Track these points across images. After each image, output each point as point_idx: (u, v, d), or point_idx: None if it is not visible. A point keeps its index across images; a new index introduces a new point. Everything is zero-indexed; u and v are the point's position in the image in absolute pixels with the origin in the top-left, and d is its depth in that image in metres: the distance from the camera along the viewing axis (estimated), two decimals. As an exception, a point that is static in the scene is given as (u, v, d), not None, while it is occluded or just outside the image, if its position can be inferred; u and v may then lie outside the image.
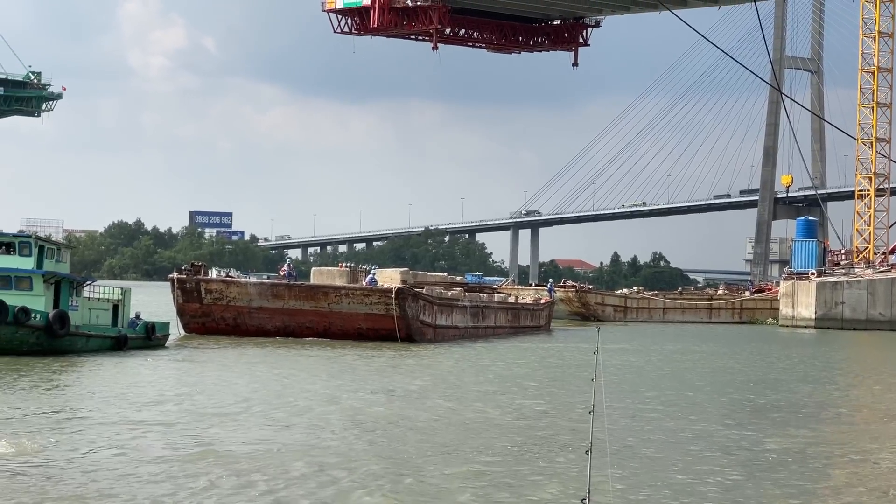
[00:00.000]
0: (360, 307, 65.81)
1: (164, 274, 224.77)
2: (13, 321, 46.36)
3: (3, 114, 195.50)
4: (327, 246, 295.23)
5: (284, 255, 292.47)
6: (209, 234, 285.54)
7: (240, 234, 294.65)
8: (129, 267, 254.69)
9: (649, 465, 24.92)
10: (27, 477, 21.65)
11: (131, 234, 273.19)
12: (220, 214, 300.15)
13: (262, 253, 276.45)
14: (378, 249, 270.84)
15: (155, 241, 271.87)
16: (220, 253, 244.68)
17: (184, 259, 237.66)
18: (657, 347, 70.73)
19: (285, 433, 28.08)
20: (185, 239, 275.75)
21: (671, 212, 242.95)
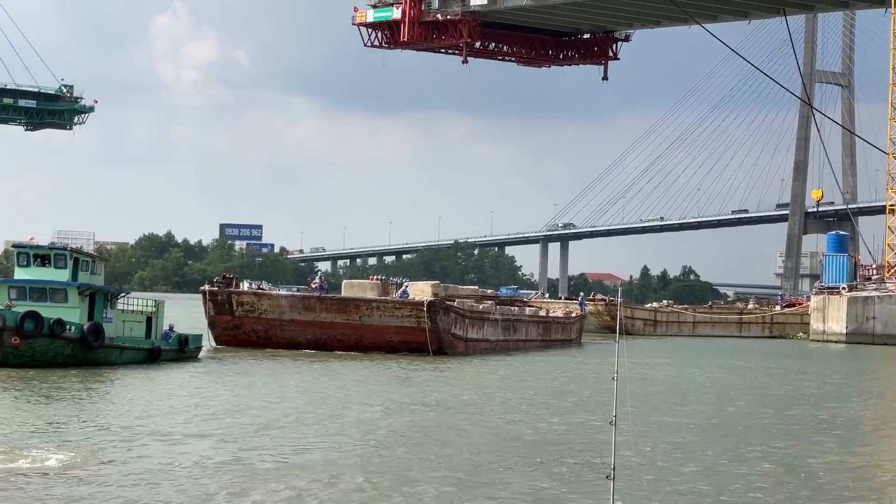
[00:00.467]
0: (391, 320, 65.77)
1: (195, 286, 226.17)
2: (48, 333, 46.75)
3: (36, 127, 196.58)
4: (357, 258, 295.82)
5: (314, 267, 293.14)
6: (239, 247, 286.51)
7: (270, 246, 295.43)
8: (159, 279, 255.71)
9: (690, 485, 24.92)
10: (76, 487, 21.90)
11: (162, 246, 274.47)
12: (251, 227, 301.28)
13: (291, 265, 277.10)
14: (407, 262, 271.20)
15: (185, 253, 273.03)
16: (250, 265, 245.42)
17: (214, 271, 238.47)
18: (696, 361, 70.32)
19: (331, 445, 28.35)
20: (216, 251, 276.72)
21: (701, 225, 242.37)
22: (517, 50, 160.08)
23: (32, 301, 48.11)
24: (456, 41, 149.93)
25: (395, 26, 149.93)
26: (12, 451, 25.64)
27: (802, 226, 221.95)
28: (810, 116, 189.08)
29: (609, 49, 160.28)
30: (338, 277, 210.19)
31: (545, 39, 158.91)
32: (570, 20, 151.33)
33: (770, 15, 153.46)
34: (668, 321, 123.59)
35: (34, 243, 50.63)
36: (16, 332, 46.02)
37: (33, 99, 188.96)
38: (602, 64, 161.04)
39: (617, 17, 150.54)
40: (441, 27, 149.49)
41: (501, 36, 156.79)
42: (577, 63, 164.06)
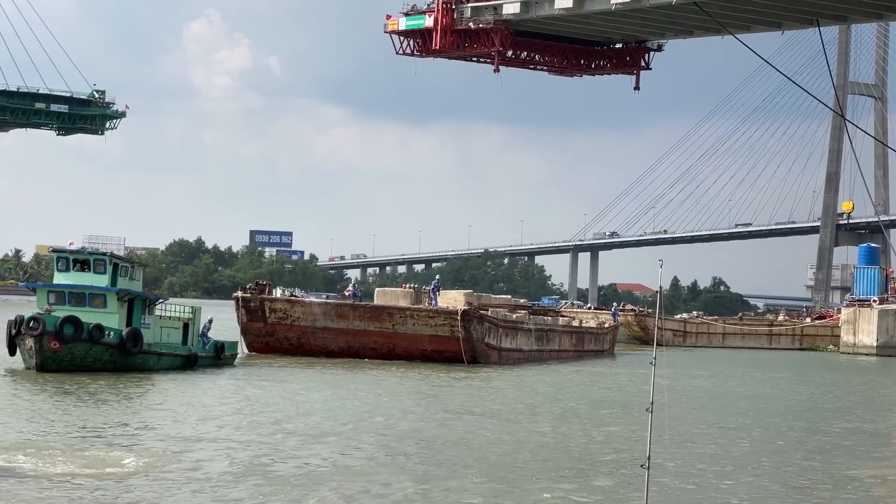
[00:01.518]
0: (424, 329, 65.62)
1: (224, 292, 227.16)
2: (87, 338, 46.95)
3: (68, 132, 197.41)
4: (386, 266, 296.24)
5: (343, 275, 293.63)
6: (269, 254, 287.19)
7: (299, 253, 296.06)
8: (189, 285, 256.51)
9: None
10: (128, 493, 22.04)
11: (192, 252, 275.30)
12: (280, 234, 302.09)
13: (321, 272, 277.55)
14: (437, 271, 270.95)
15: (215, 259, 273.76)
16: (280, 272, 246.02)
17: (243, 278, 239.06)
18: (732, 373, 70.03)
19: (373, 452, 28.50)
20: (245, 258, 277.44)
21: (732, 237, 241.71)
22: (549, 59, 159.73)
23: (71, 306, 48.28)
24: (488, 50, 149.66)
25: (427, 34, 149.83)
26: (55, 453, 25.82)
27: (834, 238, 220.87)
28: (843, 128, 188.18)
29: (641, 59, 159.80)
30: (367, 285, 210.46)
31: (577, 49, 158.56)
32: (603, 29, 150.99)
33: (803, 26, 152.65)
34: (697, 332, 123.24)
35: (74, 248, 50.84)
36: (55, 336, 46.18)
37: (65, 104, 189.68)
38: (634, 74, 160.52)
39: (649, 26, 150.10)
40: (473, 35, 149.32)
41: (534, 45, 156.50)
42: (608, 73, 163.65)
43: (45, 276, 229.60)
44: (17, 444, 27.20)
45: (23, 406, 35.93)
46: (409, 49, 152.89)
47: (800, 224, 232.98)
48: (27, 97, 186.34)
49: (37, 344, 46.03)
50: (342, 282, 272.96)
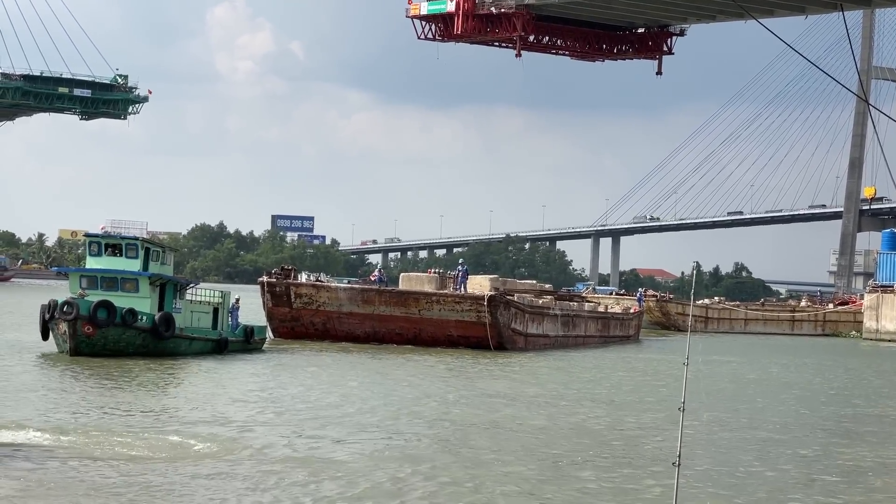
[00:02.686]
0: (451, 314, 65.40)
1: (246, 277, 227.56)
2: (121, 322, 47.23)
3: (91, 116, 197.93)
4: (408, 251, 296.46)
5: (365, 259, 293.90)
6: (291, 238, 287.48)
7: (321, 238, 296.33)
8: (211, 269, 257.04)
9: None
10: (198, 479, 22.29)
11: (214, 236, 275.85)
12: (302, 218, 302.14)
13: (342, 257, 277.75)
14: (458, 256, 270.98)
15: (237, 244, 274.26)
16: (302, 257, 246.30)
17: (265, 262, 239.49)
18: (759, 360, 69.79)
19: (408, 437, 28.72)
20: (267, 242, 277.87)
21: (754, 222, 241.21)
22: (571, 44, 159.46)
23: (103, 290, 48.52)
24: (510, 34, 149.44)
25: (448, 19, 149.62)
26: (95, 437, 26.07)
27: (857, 223, 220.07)
28: (866, 113, 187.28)
29: (663, 43, 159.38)
30: (388, 270, 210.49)
31: (599, 33, 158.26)
32: (625, 14, 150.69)
33: (827, 10, 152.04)
34: (719, 318, 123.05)
35: (106, 232, 51.11)
36: (88, 321, 46.45)
37: (88, 88, 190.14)
38: (656, 58, 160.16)
39: (672, 11, 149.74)
40: (495, 20, 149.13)
41: (555, 29, 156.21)
42: (630, 57, 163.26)
43: (69, 260, 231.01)
44: (77, 428, 27.51)
45: (70, 390, 36.20)
46: (431, 34, 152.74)
47: (822, 209, 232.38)
48: (50, 82, 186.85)
49: (70, 328, 46.29)
50: (364, 267, 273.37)
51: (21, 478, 21.53)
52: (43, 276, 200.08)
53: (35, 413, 30.16)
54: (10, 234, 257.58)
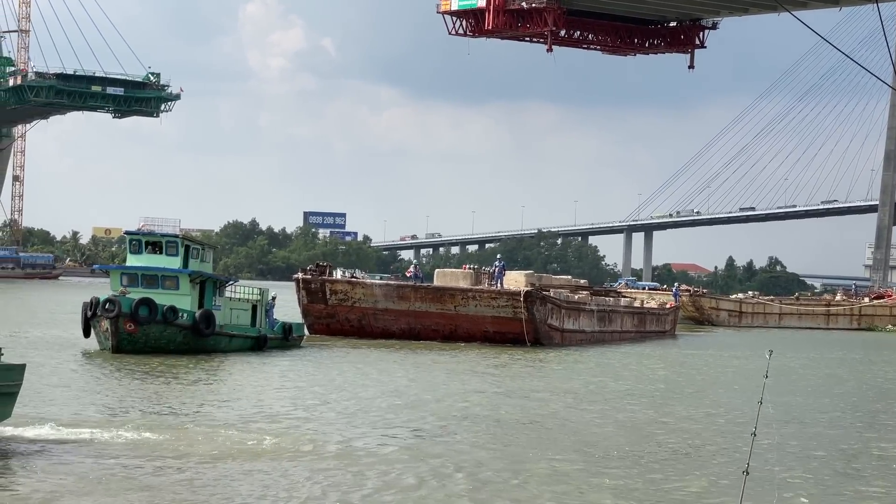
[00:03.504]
0: (487, 310, 65.19)
1: (279, 273, 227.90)
2: (162, 320, 47.48)
3: (124, 114, 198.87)
4: (440, 247, 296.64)
5: (397, 256, 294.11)
6: (323, 235, 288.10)
7: (353, 234, 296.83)
8: (243, 266, 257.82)
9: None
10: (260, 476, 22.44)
11: (246, 233, 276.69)
12: (334, 215, 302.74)
13: (374, 253, 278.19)
14: (490, 251, 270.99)
15: (269, 240, 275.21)
16: (334, 253, 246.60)
17: (298, 259, 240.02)
18: (808, 354, 69.30)
19: (454, 432, 28.80)
20: (299, 239, 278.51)
21: (788, 216, 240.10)
22: (602, 38, 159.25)
23: (144, 288, 48.83)
24: (541, 29, 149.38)
25: (479, 14, 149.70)
26: (153, 434, 26.26)
27: (892, 217, 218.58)
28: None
29: (696, 37, 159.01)
30: (421, 267, 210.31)
31: (630, 27, 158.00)
32: (657, 8, 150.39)
33: (861, 2, 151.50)
34: (753, 312, 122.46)
35: (146, 230, 51.36)
36: (130, 318, 46.74)
37: (121, 87, 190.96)
38: (688, 52, 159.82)
39: (704, 4, 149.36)
40: (526, 15, 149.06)
41: (586, 24, 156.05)
42: (662, 51, 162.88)
43: (103, 258, 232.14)
44: (143, 425, 27.73)
45: (119, 387, 36.44)
46: (462, 29, 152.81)
47: (858, 203, 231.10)
48: (83, 80, 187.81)
49: (112, 326, 46.57)
50: (396, 263, 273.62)
51: (75, 474, 21.71)
52: (88, 273, 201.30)
53: (86, 410, 30.41)
54: (45, 232, 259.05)
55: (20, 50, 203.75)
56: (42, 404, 30.79)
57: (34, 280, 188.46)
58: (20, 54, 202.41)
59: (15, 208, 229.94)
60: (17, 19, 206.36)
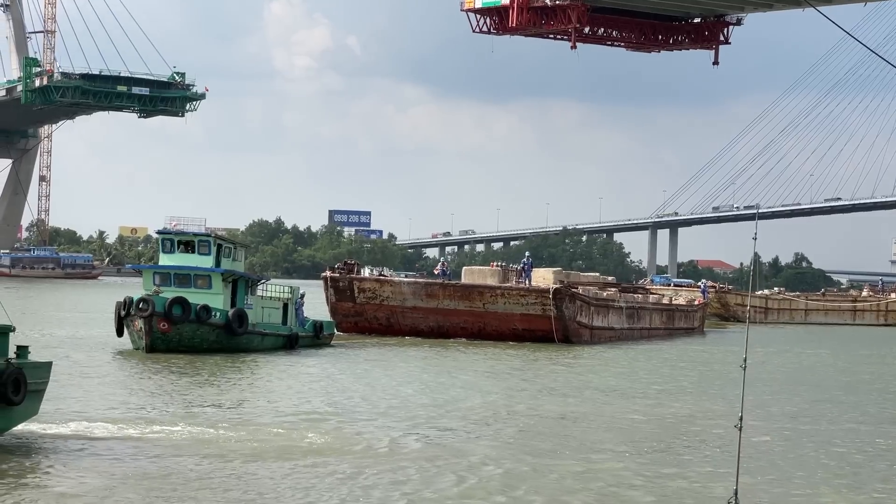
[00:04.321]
0: (515, 307, 65.07)
1: (304, 272, 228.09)
2: (195, 319, 47.61)
3: (149, 114, 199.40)
4: (465, 245, 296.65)
5: (422, 253, 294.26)
6: (348, 233, 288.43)
7: (378, 232, 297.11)
8: (269, 265, 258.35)
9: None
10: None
11: (272, 232, 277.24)
12: (359, 213, 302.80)
13: (399, 251, 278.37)
14: (515, 249, 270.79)
15: (295, 239, 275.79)
16: (359, 251, 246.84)
17: (323, 258, 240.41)
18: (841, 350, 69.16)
19: (494, 428, 29.01)
20: (325, 237, 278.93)
21: (814, 212, 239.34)
22: (626, 35, 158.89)
23: (176, 287, 48.96)
24: (565, 27, 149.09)
25: (503, 12, 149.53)
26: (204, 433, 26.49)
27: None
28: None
29: (720, 33, 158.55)
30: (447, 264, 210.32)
31: (655, 24, 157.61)
32: (681, 4, 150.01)
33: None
34: (779, 308, 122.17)
35: (178, 229, 51.54)
36: (164, 317, 46.91)
37: (146, 86, 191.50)
38: (713, 48, 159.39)
39: (729, 0, 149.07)
40: (550, 12, 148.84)
41: (610, 21, 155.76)
42: (687, 48, 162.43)
43: (129, 257, 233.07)
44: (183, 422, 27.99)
45: (160, 385, 36.68)
46: (486, 27, 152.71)
47: (884, 199, 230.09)
48: (109, 80, 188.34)
49: (146, 325, 46.72)
50: (421, 261, 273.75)
51: (114, 472, 21.91)
52: (126, 273, 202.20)
53: (126, 408, 30.65)
54: (71, 232, 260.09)
55: (46, 50, 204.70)
56: (79, 403, 31.06)
57: (74, 280, 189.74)
58: (46, 55, 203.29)
59: (42, 208, 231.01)
60: (42, 20, 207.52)
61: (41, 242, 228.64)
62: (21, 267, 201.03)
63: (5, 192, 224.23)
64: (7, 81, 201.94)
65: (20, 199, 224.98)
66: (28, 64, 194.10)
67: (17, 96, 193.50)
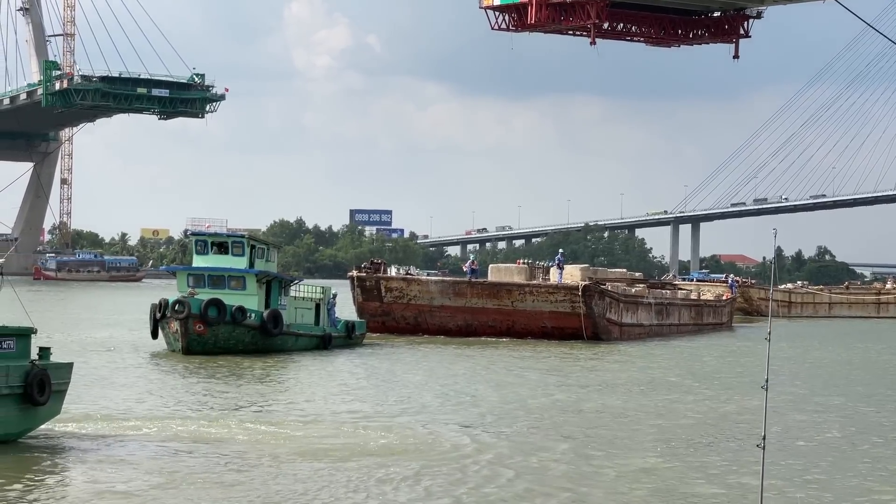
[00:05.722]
0: (544, 305, 64.69)
1: (326, 272, 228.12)
2: (230, 320, 47.71)
3: (169, 116, 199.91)
4: (486, 243, 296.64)
5: (444, 252, 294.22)
6: (369, 232, 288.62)
7: (399, 231, 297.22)
8: (291, 265, 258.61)
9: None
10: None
11: (293, 232, 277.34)
12: (380, 212, 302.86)
13: (421, 250, 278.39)
14: (537, 246, 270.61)
15: (316, 239, 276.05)
16: (380, 250, 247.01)
17: (345, 257, 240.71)
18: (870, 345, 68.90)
19: (533, 426, 28.94)
20: (346, 237, 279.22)
21: (836, 205, 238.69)
22: (646, 30, 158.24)
23: (210, 288, 49.05)
24: (584, 22, 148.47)
25: (521, 9, 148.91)
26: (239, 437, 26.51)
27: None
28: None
29: (740, 27, 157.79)
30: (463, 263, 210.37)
31: (674, 19, 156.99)
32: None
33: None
34: (802, 302, 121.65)
35: (212, 231, 51.61)
36: (200, 319, 47.01)
37: (166, 88, 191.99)
38: (733, 42, 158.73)
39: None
40: (568, 8, 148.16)
41: (630, 16, 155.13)
42: (707, 42, 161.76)
43: (152, 259, 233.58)
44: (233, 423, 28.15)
45: (205, 387, 36.83)
46: (505, 24, 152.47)
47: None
48: (129, 83, 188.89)
49: (182, 327, 46.84)
50: (443, 259, 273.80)
51: (168, 470, 22.02)
52: (163, 275, 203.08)
53: (181, 410, 30.87)
54: (93, 235, 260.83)
55: (66, 53, 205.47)
56: (126, 403, 31.39)
57: (118, 282, 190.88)
58: (66, 58, 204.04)
59: (63, 211, 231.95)
60: (62, 23, 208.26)
61: (63, 245, 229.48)
62: (67, 270, 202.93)
63: (27, 195, 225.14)
64: (27, 85, 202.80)
65: (42, 202, 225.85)
66: (48, 67, 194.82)
67: (37, 100, 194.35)
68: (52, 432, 25.42)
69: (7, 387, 23.71)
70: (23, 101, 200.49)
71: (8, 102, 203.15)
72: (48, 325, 64.00)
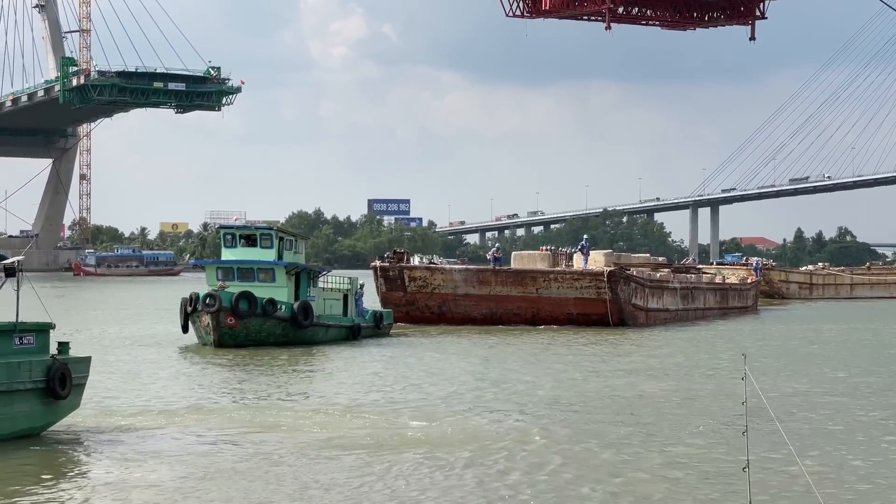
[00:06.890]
0: (569, 292, 64.39)
1: (345, 262, 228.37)
2: (261, 313, 47.70)
3: (186, 109, 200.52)
4: (505, 230, 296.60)
5: (463, 240, 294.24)
6: (387, 222, 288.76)
7: (417, 220, 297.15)
8: (310, 256, 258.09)
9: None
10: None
11: (311, 223, 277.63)
12: (398, 201, 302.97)
13: (440, 239, 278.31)
14: (556, 232, 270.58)
15: (335, 229, 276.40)
16: (399, 240, 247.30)
17: (364, 247, 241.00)
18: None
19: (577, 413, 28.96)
20: (365, 227, 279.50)
21: (857, 185, 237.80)
22: (661, 13, 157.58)
23: (240, 281, 49.03)
24: (598, 7, 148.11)
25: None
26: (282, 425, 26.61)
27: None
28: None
29: (756, 8, 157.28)
30: (486, 250, 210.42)
31: (689, 1, 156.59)
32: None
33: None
34: (824, 284, 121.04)
35: (239, 223, 51.69)
36: (231, 312, 46.99)
37: (182, 82, 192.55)
38: (749, 23, 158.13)
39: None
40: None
41: (644, 0, 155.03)
42: (722, 24, 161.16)
43: (188, 254, 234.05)
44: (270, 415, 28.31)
45: (239, 379, 36.99)
46: (520, 10, 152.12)
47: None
48: (145, 77, 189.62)
49: (214, 320, 46.85)
50: (461, 247, 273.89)
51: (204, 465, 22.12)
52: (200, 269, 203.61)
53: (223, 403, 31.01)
54: (113, 230, 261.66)
55: (82, 49, 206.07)
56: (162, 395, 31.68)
57: (156, 277, 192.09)
58: (82, 54, 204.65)
59: (83, 206, 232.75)
60: (77, 19, 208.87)
61: (83, 241, 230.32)
62: (106, 266, 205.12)
63: (47, 191, 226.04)
64: (45, 81, 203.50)
65: (61, 198, 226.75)
66: (65, 63, 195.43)
67: (55, 96, 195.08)
68: (77, 426, 25.67)
69: (31, 381, 24.06)
70: (40, 98, 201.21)
71: (26, 100, 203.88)
72: (93, 320, 64.81)
